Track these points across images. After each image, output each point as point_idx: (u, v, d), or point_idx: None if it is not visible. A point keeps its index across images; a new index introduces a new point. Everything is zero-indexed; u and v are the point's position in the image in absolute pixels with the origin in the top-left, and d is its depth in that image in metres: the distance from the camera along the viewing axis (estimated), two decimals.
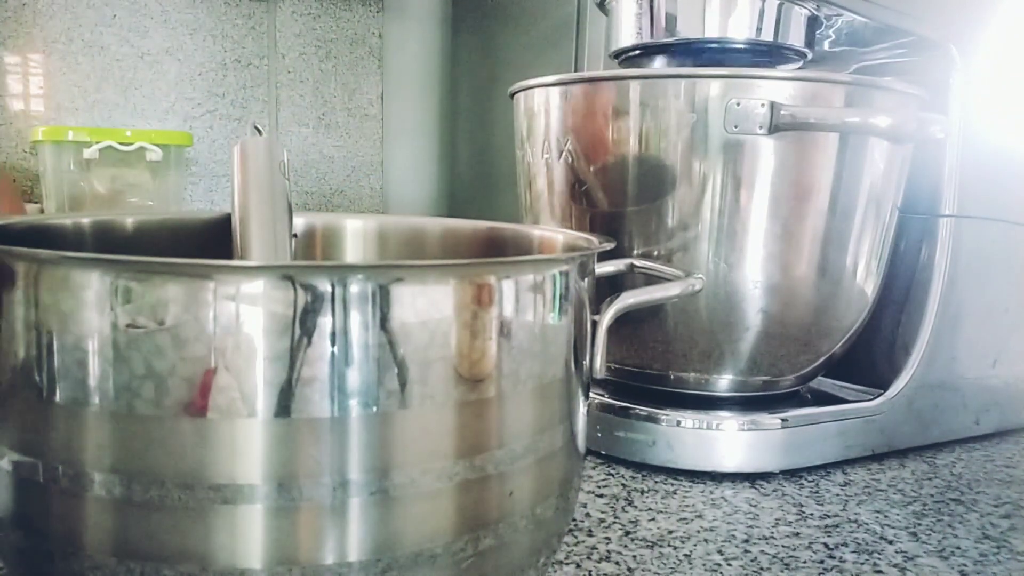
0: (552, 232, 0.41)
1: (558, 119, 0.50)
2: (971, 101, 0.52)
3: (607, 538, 0.39)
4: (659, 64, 0.55)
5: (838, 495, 0.46)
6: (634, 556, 0.38)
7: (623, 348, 0.51)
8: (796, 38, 0.52)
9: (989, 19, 0.53)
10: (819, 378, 0.56)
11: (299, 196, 1.31)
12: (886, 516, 0.43)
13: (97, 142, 0.97)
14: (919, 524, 0.43)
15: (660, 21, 0.52)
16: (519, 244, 0.41)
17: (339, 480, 0.23)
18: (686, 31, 0.52)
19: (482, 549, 0.26)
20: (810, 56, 0.54)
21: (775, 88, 0.44)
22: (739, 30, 0.51)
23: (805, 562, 0.38)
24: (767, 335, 0.48)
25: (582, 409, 0.31)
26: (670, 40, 0.52)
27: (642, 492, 0.45)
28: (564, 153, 0.50)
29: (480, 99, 1.15)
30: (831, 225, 0.47)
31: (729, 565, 0.37)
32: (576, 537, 0.39)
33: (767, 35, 0.51)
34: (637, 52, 0.55)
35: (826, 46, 0.59)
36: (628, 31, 0.54)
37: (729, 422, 0.48)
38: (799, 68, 0.56)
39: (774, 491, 0.46)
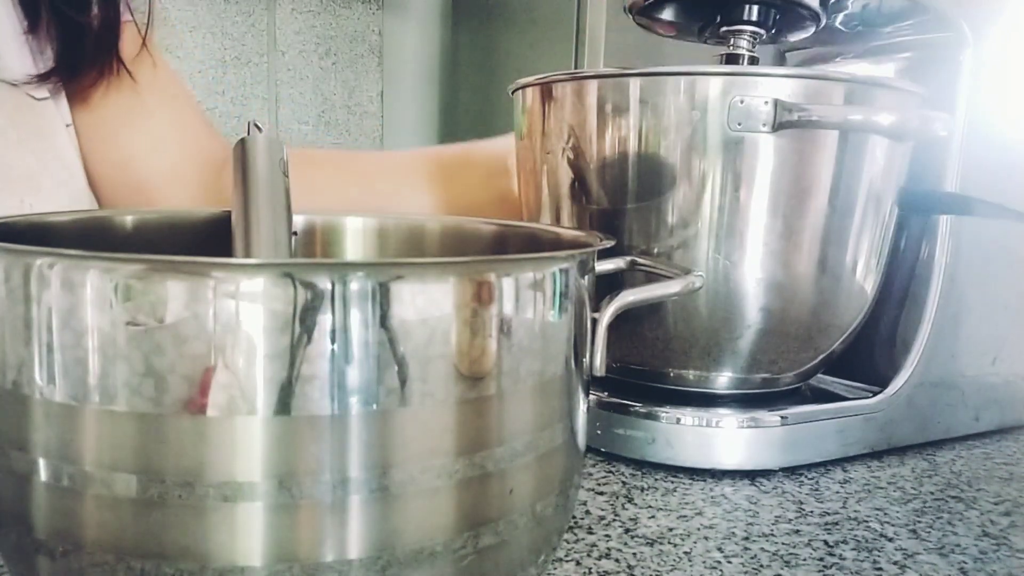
0: (552, 229, 0.41)
1: (559, 116, 0.50)
2: (979, 93, 0.51)
3: (607, 535, 0.39)
4: (669, 15, 0.55)
5: (838, 492, 0.46)
6: (634, 553, 0.38)
7: (623, 346, 0.51)
8: None
9: (1003, 3, 0.52)
10: (819, 375, 0.56)
11: None
12: (886, 513, 0.43)
13: None
14: (919, 521, 0.43)
15: None
16: (519, 241, 0.41)
17: (339, 478, 0.23)
18: None
19: (482, 547, 0.26)
20: (823, 22, 0.53)
21: (778, 85, 0.44)
22: None
23: (805, 559, 0.38)
24: (767, 332, 0.48)
25: (582, 407, 0.31)
26: None
27: (642, 489, 0.45)
28: (565, 150, 0.50)
29: (480, 96, 1.15)
30: (832, 222, 0.47)
31: (729, 562, 0.37)
32: (576, 534, 0.39)
33: None
34: (650, 2, 0.54)
35: (838, 21, 0.58)
36: None
37: (729, 419, 0.48)
38: (806, 49, 0.55)
39: (774, 488, 0.46)
